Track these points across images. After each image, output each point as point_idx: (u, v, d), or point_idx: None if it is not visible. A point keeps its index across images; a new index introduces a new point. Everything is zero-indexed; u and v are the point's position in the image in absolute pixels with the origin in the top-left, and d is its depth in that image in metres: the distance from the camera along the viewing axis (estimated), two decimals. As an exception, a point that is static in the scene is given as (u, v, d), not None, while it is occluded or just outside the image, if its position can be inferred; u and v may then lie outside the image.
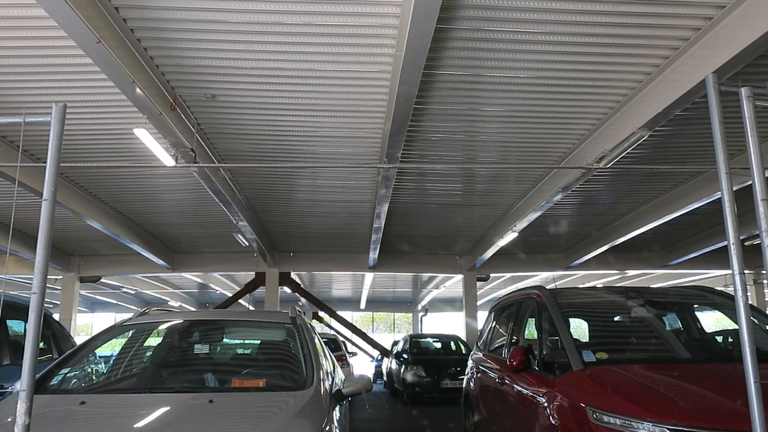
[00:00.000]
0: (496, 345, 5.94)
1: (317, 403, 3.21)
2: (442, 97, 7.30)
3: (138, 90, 6.22)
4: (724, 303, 4.81)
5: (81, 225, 12.64)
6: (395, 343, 17.91)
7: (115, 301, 29.20)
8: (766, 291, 19.38)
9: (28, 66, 6.59)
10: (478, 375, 6.04)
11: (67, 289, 17.41)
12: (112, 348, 4.47)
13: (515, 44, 6.14)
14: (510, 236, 13.10)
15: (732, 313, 4.45)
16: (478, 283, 18.83)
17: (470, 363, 6.63)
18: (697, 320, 4.84)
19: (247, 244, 14.67)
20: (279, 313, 4.88)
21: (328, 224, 14.13)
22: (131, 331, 4.48)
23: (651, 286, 18.77)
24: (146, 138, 7.53)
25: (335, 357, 7.10)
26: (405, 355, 14.11)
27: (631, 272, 19.99)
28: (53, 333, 6.50)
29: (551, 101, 7.45)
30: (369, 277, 21.45)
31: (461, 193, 11.77)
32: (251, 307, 23.28)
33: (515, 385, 4.61)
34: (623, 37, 6.02)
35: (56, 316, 13.07)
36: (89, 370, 4.18)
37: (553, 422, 3.78)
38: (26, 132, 8.17)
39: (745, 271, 2.59)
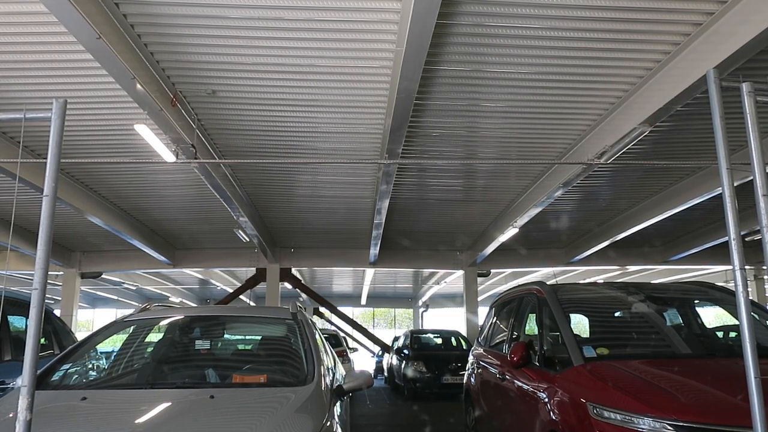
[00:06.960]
0: (497, 341, 5.95)
1: (318, 398, 3.22)
2: (443, 92, 7.29)
3: (138, 86, 6.21)
4: (724, 298, 4.81)
5: (82, 221, 12.64)
6: (396, 338, 17.95)
7: (116, 297, 29.23)
8: (766, 287, 19.38)
9: (29, 62, 6.58)
10: (479, 370, 6.05)
11: (68, 285, 17.43)
12: (113, 344, 4.48)
13: (516, 39, 6.13)
14: (511, 232, 13.10)
15: (732, 309, 4.46)
16: (479, 279, 18.80)
17: (471, 359, 6.65)
18: (698, 316, 4.84)
19: (248, 239, 14.68)
20: (280, 308, 4.89)
21: (328, 220, 14.12)
22: (132, 327, 4.49)
23: (652, 281, 18.76)
24: (147, 134, 7.52)
25: (336, 353, 7.10)
26: (406, 351, 14.13)
27: (631, 268, 19.96)
28: (54, 329, 6.51)
29: (552, 97, 7.44)
30: (370, 272, 21.46)
31: (462, 188, 11.76)
32: (252, 303, 23.31)
33: (516, 381, 4.62)
34: (624, 32, 6.00)
35: (57, 312, 13.07)
36: (90, 366, 4.19)
37: (554, 417, 3.79)
38: (27, 128, 8.16)
39: (746, 267, 2.59)
